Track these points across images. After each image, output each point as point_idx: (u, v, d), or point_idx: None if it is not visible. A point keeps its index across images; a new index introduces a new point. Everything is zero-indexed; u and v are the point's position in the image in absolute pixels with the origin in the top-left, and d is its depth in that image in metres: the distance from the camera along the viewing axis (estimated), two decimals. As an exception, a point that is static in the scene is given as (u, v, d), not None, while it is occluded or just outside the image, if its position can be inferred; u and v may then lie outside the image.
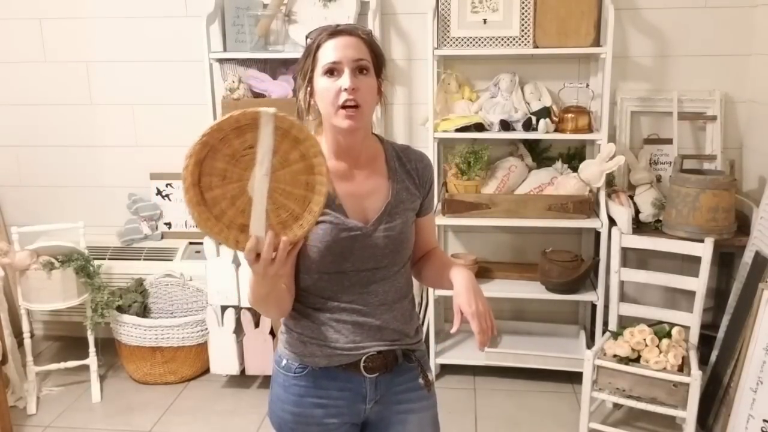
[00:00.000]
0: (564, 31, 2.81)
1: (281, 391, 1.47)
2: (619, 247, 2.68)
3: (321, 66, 1.35)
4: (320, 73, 1.35)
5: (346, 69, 1.33)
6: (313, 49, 1.37)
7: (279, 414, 1.48)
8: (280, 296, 1.38)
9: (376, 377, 1.45)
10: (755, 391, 2.30)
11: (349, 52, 1.34)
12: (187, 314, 3.20)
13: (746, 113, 3.01)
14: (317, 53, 1.36)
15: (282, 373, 1.47)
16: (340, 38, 1.35)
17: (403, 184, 1.46)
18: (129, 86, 3.33)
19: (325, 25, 1.39)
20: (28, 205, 3.51)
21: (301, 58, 1.41)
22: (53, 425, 2.85)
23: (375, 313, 1.42)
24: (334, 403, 1.45)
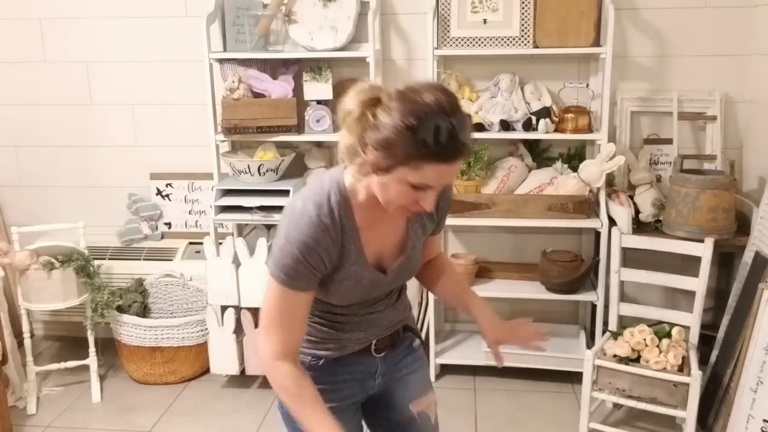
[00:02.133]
0: (564, 31, 2.81)
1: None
2: (619, 247, 2.68)
3: (413, 179, 1.18)
4: (407, 179, 1.19)
5: (435, 190, 1.22)
6: (417, 156, 1.16)
7: None
8: None
9: (384, 354, 1.53)
10: (755, 391, 2.30)
11: (448, 178, 1.23)
12: (187, 314, 3.20)
13: (746, 113, 3.01)
14: (418, 163, 1.16)
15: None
16: (452, 165, 1.18)
17: (420, 222, 1.45)
18: (129, 86, 3.33)
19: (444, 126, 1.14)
20: (28, 205, 3.51)
21: (394, 139, 1.16)
22: (53, 425, 2.85)
23: (383, 315, 1.51)
24: (346, 386, 1.50)
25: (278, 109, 2.90)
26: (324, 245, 1.28)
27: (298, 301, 1.32)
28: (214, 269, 2.92)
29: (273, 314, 1.32)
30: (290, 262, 1.27)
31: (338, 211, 1.29)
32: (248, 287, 2.90)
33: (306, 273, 1.29)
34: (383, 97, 1.20)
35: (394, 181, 1.20)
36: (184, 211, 3.40)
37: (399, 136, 1.15)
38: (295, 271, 1.27)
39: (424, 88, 1.18)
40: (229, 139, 3.01)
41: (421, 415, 1.59)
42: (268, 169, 2.90)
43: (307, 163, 3.14)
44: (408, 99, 1.16)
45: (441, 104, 1.15)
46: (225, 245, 2.92)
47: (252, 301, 2.92)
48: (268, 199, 2.87)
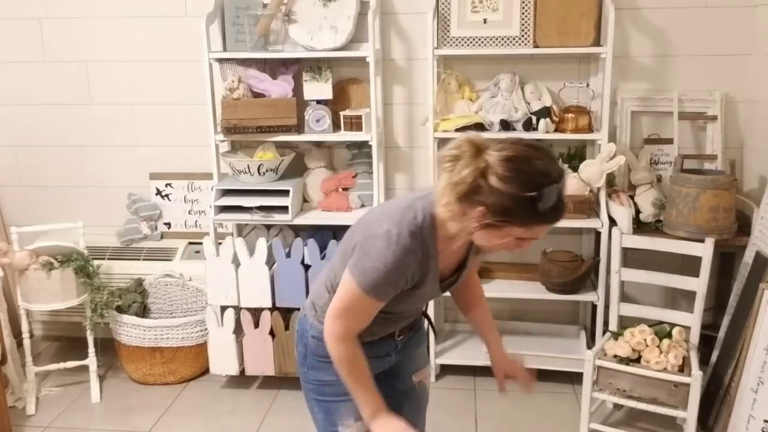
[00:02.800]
0: (564, 30, 2.80)
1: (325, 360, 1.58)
2: (620, 247, 2.67)
3: (523, 235, 1.36)
4: (515, 235, 1.36)
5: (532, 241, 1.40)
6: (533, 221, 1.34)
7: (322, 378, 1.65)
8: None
9: (402, 337, 1.72)
10: (756, 391, 2.30)
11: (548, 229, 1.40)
12: (186, 314, 3.20)
13: (747, 113, 3.00)
14: (531, 225, 1.34)
15: (321, 344, 1.57)
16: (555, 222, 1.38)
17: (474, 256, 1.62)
18: (129, 86, 3.32)
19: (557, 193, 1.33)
20: (27, 205, 3.51)
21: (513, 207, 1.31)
22: (52, 426, 2.84)
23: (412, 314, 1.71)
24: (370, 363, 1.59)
25: (278, 108, 2.90)
26: (411, 270, 1.44)
27: (372, 306, 1.49)
28: (214, 269, 2.91)
29: (346, 307, 1.48)
30: (381, 280, 1.42)
31: (428, 241, 1.45)
32: (248, 287, 2.90)
33: (389, 289, 1.46)
34: (490, 161, 1.31)
35: (501, 234, 1.36)
36: (183, 211, 3.40)
37: (519, 205, 1.30)
38: (383, 288, 1.44)
39: (532, 156, 1.32)
40: (229, 139, 3.01)
41: (420, 384, 1.84)
42: (267, 169, 2.90)
43: (307, 163, 3.14)
44: (523, 170, 1.30)
45: (551, 173, 1.32)
46: (224, 245, 2.91)
47: (252, 301, 2.92)
48: (268, 199, 2.87)
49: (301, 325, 1.69)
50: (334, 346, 1.51)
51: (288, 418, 2.85)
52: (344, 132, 2.94)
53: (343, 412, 1.63)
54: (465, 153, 1.32)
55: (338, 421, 1.64)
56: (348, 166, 3.16)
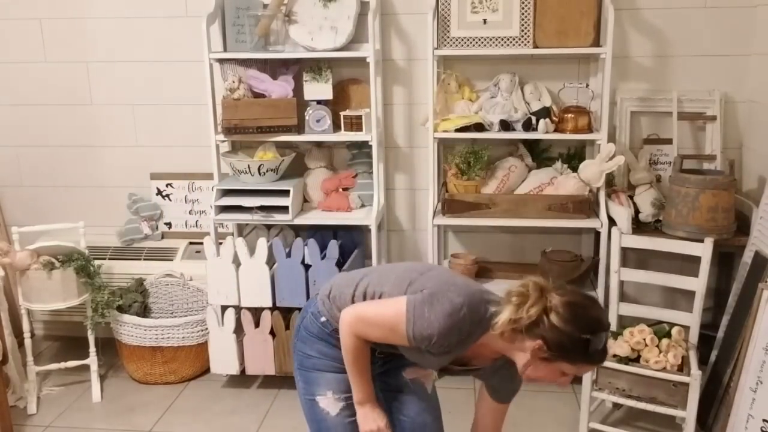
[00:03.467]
0: (564, 31, 2.81)
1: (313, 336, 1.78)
2: (619, 247, 2.68)
3: (570, 370, 1.52)
4: (563, 369, 1.52)
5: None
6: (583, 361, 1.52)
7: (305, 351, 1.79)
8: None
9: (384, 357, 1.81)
10: (755, 390, 2.30)
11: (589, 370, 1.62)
12: (187, 314, 3.20)
13: (746, 113, 3.01)
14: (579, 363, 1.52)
15: (318, 325, 1.77)
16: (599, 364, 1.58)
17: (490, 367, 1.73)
18: (129, 86, 3.33)
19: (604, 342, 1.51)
20: (28, 205, 3.52)
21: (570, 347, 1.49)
22: (53, 425, 2.85)
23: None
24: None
25: (278, 109, 2.90)
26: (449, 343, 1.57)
27: (399, 341, 1.62)
28: (214, 269, 2.92)
29: (377, 325, 1.62)
30: (425, 335, 1.56)
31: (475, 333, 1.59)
32: (248, 287, 2.90)
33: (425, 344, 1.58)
34: (554, 302, 1.50)
35: (550, 368, 1.52)
36: (184, 211, 3.41)
37: (574, 344, 1.48)
38: (423, 340, 1.57)
39: (589, 305, 1.54)
40: (229, 139, 3.01)
41: (413, 381, 1.90)
42: (268, 169, 2.90)
43: (307, 163, 3.14)
44: (581, 315, 1.50)
45: (603, 321, 1.53)
46: (225, 245, 2.92)
47: (252, 301, 2.93)
48: (268, 199, 2.87)
49: (308, 303, 1.85)
50: (348, 337, 1.65)
51: (288, 417, 2.85)
52: (344, 132, 2.95)
53: (321, 383, 1.78)
54: (532, 293, 1.51)
55: (315, 391, 1.79)
56: (348, 166, 3.16)
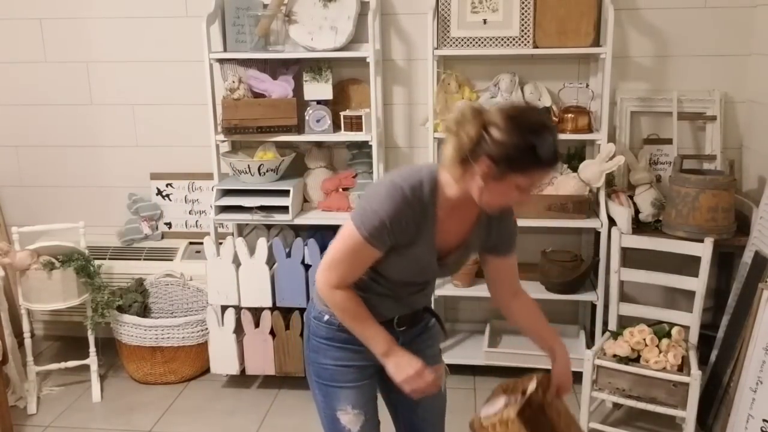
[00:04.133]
0: (564, 31, 2.81)
1: (324, 341, 1.68)
2: (619, 247, 2.68)
3: (524, 183, 1.44)
4: (517, 183, 1.43)
5: (533, 191, 1.48)
6: (533, 166, 1.42)
7: (320, 361, 1.69)
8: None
9: (404, 329, 1.72)
10: (755, 390, 2.30)
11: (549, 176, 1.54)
12: (187, 314, 3.20)
13: (746, 113, 3.01)
14: (531, 171, 1.43)
15: (325, 327, 1.67)
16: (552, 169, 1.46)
17: (482, 230, 1.65)
18: (129, 86, 3.33)
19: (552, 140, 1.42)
20: (28, 205, 3.52)
21: (515, 154, 1.40)
22: (53, 425, 2.85)
23: (413, 299, 1.71)
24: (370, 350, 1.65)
25: (278, 109, 2.90)
26: (406, 221, 1.50)
27: (368, 254, 1.53)
28: (214, 269, 2.92)
29: (342, 257, 1.54)
30: (377, 225, 1.48)
31: (426, 198, 1.52)
32: (248, 287, 2.90)
33: (385, 237, 1.50)
34: (491, 117, 1.43)
35: (504, 185, 1.44)
36: (184, 211, 3.40)
37: (520, 152, 1.40)
38: (378, 232, 1.49)
39: (528, 110, 1.48)
40: (229, 139, 3.01)
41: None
42: (268, 169, 2.90)
43: (307, 163, 3.14)
44: (522, 122, 1.41)
45: (546, 123, 1.45)
46: (225, 245, 2.92)
47: (252, 301, 2.93)
48: (268, 199, 2.87)
49: (308, 310, 1.77)
50: (330, 295, 1.57)
51: (288, 417, 2.86)
52: (344, 132, 2.95)
53: (341, 398, 1.69)
54: (467, 114, 1.44)
55: (336, 406, 1.70)
56: (348, 166, 3.16)
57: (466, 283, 3.02)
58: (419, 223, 1.53)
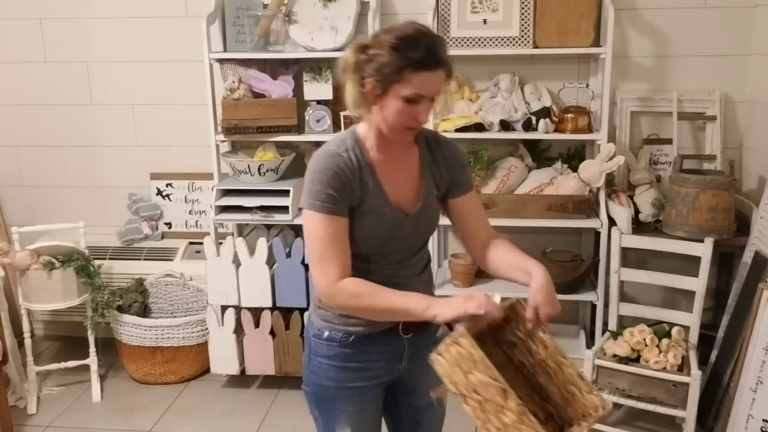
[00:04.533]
0: (564, 31, 2.81)
1: (325, 361, 1.60)
2: (619, 247, 2.68)
3: (406, 91, 1.39)
4: (401, 93, 1.39)
5: (427, 101, 1.41)
6: (404, 69, 1.38)
7: (322, 383, 1.62)
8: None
9: (411, 336, 1.61)
10: (755, 390, 2.30)
11: (434, 86, 1.41)
12: (187, 314, 3.20)
13: (746, 113, 3.01)
14: (408, 75, 1.38)
15: (325, 344, 1.59)
16: (433, 72, 1.39)
17: (431, 171, 1.58)
18: (129, 86, 3.33)
19: (422, 42, 1.38)
20: (28, 205, 3.52)
21: (385, 60, 1.39)
22: (53, 425, 2.85)
23: (408, 283, 1.56)
24: (375, 365, 1.60)
25: (278, 109, 2.90)
26: (345, 175, 1.47)
27: (338, 226, 1.47)
28: (214, 269, 2.92)
29: (320, 245, 1.47)
30: (320, 187, 1.45)
31: (354, 151, 1.50)
32: (248, 287, 2.90)
33: (335, 197, 1.46)
34: (371, 39, 1.45)
35: (391, 101, 1.40)
36: (184, 211, 3.40)
37: (389, 57, 1.38)
38: (326, 195, 1.45)
39: (397, 25, 1.45)
40: (229, 139, 3.01)
41: (438, 400, 1.74)
42: (268, 169, 2.90)
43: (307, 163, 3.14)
44: (391, 29, 1.43)
45: (418, 29, 1.42)
46: (225, 245, 2.92)
47: (252, 301, 2.93)
48: (268, 199, 2.87)
49: (306, 328, 1.70)
50: (339, 293, 1.46)
51: (288, 417, 2.86)
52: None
53: (341, 420, 1.63)
54: (347, 52, 1.48)
55: (336, 428, 1.64)
56: (348, 166, 3.16)
57: (466, 283, 3.02)
58: (360, 176, 1.49)
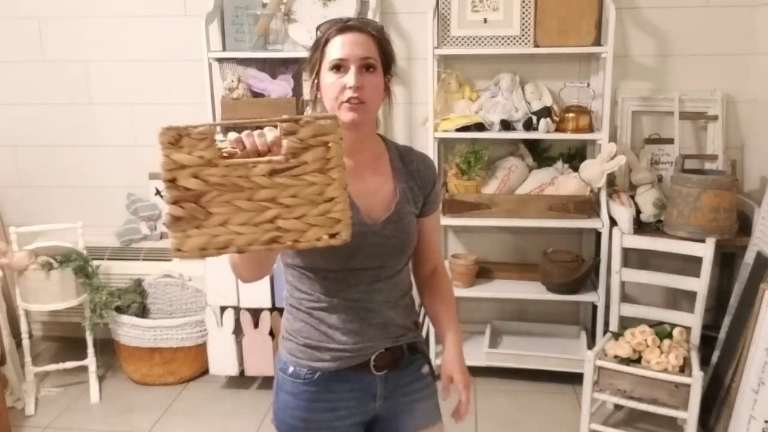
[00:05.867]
0: (564, 30, 2.80)
1: (290, 398, 1.45)
2: (620, 247, 2.67)
3: (328, 61, 1.35)
4: (327, 68, 1.35)
5: (352, 66, 1.33)
6: (322, 43, 1.37)
7: (288, 422, 1.46)
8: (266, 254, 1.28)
9: (385, 374, 1.46)
10: (757, 391, 2.29)
11: (356, 49, 1.34)
12: (186, 315, 3.19)
13: (747, 113, 3.00)
14: (325, 47, 1.36)
15: (290, 381, 1.45)
16: (348, 35, 1.35)
17: (407, 184, 1.47)
18: (128, 86, 3.32)
19: (336, 19, 1.39)
20: (26, 205, 3.50)
21: (310, 50, 1.41)
22: (52, 426, 2.84)
23: (380, 310, 1.43)
24: (345, 404, 1.45)
25: (277, 108, 2.89)
26: None
27: None
28: (213, 269, 2.91)
29: None
30: None
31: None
32: (247, 287, 2.89)
33: None
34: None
35: (324, 79, 1.36)
36: (183, 211, 3.39)
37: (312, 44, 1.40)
38: None
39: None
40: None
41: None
42: (267, 168, 2.89)
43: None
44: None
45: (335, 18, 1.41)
46: (224, 245, 2.90)
47: (251, 302, 2.91)
48: (268, 199, 2.86)
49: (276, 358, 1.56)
50: None
51: (288, 418, 2.84)
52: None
53: None
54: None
55: None
56: (348, 166, 3.15)
57: (467, 284, 3.01)
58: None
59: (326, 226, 1.06)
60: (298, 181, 1.04)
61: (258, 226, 1.03)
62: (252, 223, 1.02)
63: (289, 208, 1.04)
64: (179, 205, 1.00)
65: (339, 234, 1.06)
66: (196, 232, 1.01)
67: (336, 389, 1.43)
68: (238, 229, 1.02)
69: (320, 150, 1.05)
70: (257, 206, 1.02)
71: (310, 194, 1.05)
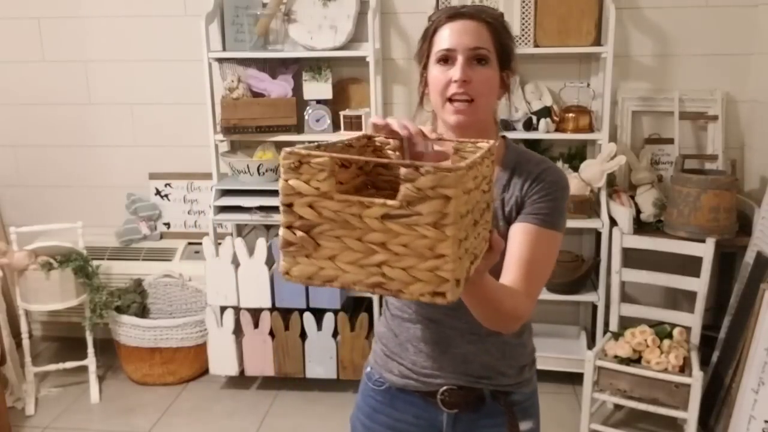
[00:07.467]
0: (565, 30, 2.80)
1: (360, 399, 1.41)
2: (620, 247, 2.67)
3: (435, 52, 1.23)
4: (434, 60, 1.24)
5: (460, 57, 1.21)
6: (430, 32, 1.25)
7: (354, 421, 1.42)
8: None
9: (456, 413, 1.30)
10: (757, 391, 2.29)
11: (465, 39, 1.21)
12: (186, 315, 3.19)
13: (748, 113, 3.00)
14: (434, 37, 1.24)
15: (366, 381, 1.40)
16: (458, 22, 1.22)
17: (505, 194, 1.28)
18: (127, 86, 3.31)
19: (449, 6, 1.28)
20: (26, 205, 3.50)
21: (419, 42, 1.29)
22: (52, 426, 2.84)
23: (461, 342, 1.28)
24: (407, 428, 1.34)
25: (277, 108, 2.89)
26: None
27: None
28: (213, 269, 2.91)
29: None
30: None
31: None
32: (247, 287, 2.89)
33: None
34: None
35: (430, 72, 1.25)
36: (183, 211, 3.39)
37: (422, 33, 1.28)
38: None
39: None
40: (228, 138, 3.00)
41: None
42: (267, 169, 2.89)
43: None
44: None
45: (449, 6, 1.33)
46: (224, 245, 2.90)
47: (251, 302, 2.91)
48: (268, 199, 2.86)
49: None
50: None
51: (288, 418, 2.84)
52: (344, 132, 2.93)
53: None
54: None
55: None
56: (348, 166, 3.15)
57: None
58: None
59: (432, 283, 0.97)
60: (409, 230, 0.96)
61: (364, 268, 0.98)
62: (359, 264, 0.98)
63: (397, 257, 0.97)
64: (292, 231, 0.98)
65: (444, 294, 0.96)
66: (305, 261, 0.99)
67: (401, 408, 1.34)
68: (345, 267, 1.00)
69: (437, 203, 0.94)
70: (366, 248, 0.97)
71: (420, 246, 0.96)
